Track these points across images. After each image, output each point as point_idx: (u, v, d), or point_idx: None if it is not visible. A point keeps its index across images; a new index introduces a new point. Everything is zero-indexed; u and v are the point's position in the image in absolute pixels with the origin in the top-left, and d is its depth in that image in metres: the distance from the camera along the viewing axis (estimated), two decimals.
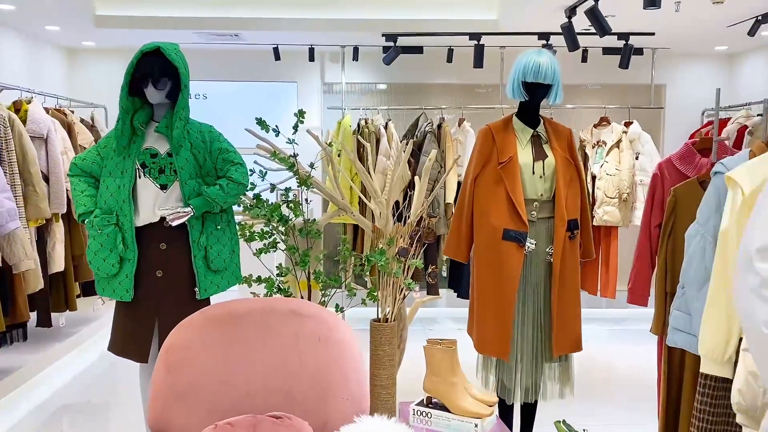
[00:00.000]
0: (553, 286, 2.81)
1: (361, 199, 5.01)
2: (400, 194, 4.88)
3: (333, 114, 5.89)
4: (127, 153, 2.81)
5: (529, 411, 3.02)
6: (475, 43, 4.98)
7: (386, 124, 5.41)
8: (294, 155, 3.12)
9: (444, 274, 5.46)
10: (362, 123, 5.42)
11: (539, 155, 2.84)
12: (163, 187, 2.83)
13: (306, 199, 3.32)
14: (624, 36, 4.88)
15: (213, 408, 2.11)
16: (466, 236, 2.96)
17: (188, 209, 2.81)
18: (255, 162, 3.11)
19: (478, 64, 5.04)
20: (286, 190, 3.16)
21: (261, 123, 3.04)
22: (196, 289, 2.87)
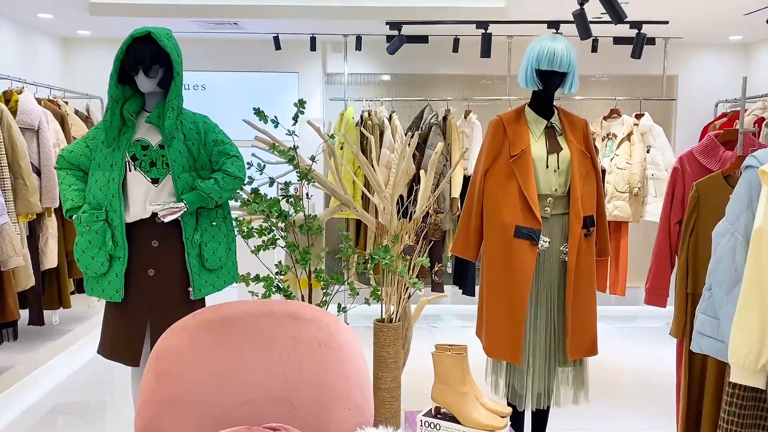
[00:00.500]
0: (567, 287, 2.66)
1: (364, 194, 4.88)
2: (405, 188, 4.74)
3: (335, 105, 5.76)
4: (116, 145, 2.66)
5: (541, 418, 2.88)
6: (483, 31, 4.82)
7: (390, 116, 5.28)
8: (294, 147, 3.01)
9: (449, 271, 5.32)
10: (365, 115, 5.29)
11: (553, 148, 2.69)
12: (155, 181, 2.69)
13: (307, 194, 3.21)
14: (636, 24, 4.72)
15: (205, 418, 2.00)
16: (476, 234, 2.81)
17: (181, 204, 2.66)
18: (253, 155, 3.00)
19: (486, 53, 4.88)
20: (286, 184, 3.06)
21: (259, 113, 2.93)
22: (190, 289, 2.73)
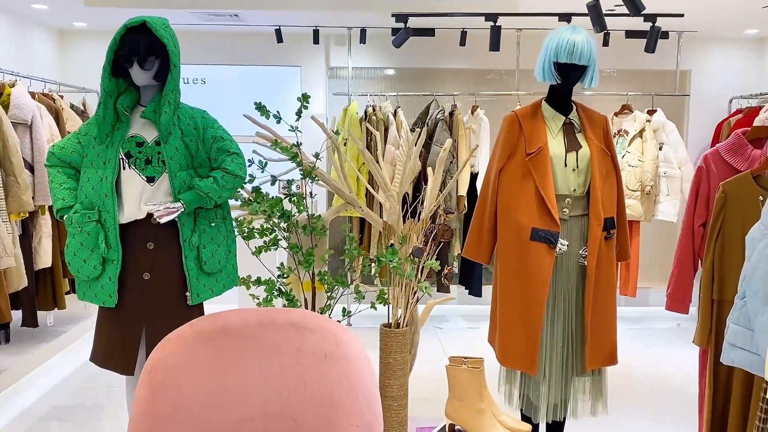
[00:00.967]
0: (587, 293, 2.51)
1: (368, 192, 4.74)
2: (410, 186, 4.59)
3: (338, 100, 5.60)
4: (110, 141, 2.52)
5: (557, 430, 2.74)
6: (492, 24, 4.66)
7: (395, 111, 5.13)
8: (297, 144, 2.87)
9: (455, 271, 5.18)
10: (369, 110, 5.14)
11: (572, 145, 2.54)
12: (150, 179, 2.54)
13: (311, 193, 3.07)
14: (651, 17, 4.56)
15: None
16: (489, 235, 2.67)
17: (178, 204, 2.52)
18: (254, 151, 2.86)
19: (495, 47, 4.72)
20: (289, 182, 2.92)
21: (261, 108, 2.78)
22: (188, 294, 2.60)
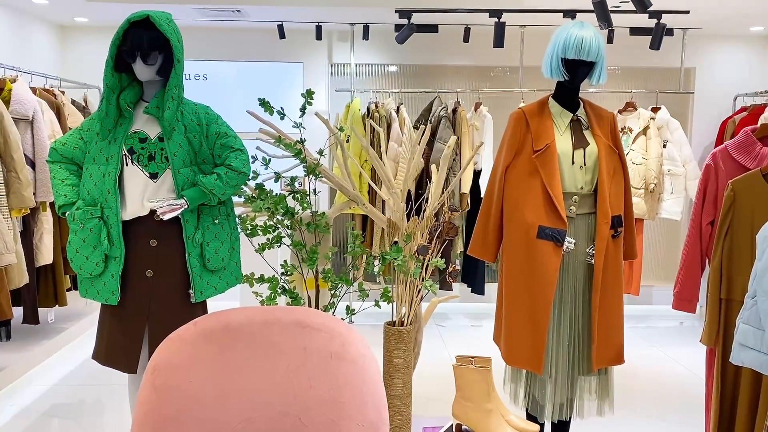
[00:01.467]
0: (594, 291, 2.49)
1: (370, 188, 4.71)
2: (413, 183, 4.57)
3: (341, 97, 5.57)
4: (112, 137, 2.49)
5: (562, 430, 2.71)
6: (496, 20, 4.62)
7: (398, 108, 5.10)
8: (301, 141, 2.84)
9: (459, 269, 5.15)
10: (372, 107, 5.11)
11: (580, 143, 2.51)
12: (153, 175, 2.52)
13: (314, 190, 3.05)
14: (656, 14, 4.53)
15: None
16: (495, 233, 2.64)
17: (182, 201, 2.50)
18: (257, 148, 2.83)
19: (499, 43, 4.68)
20: (292, 179, 2.89)
21: (264, 104, 2.76)
22: (191, 291, 2.57)
